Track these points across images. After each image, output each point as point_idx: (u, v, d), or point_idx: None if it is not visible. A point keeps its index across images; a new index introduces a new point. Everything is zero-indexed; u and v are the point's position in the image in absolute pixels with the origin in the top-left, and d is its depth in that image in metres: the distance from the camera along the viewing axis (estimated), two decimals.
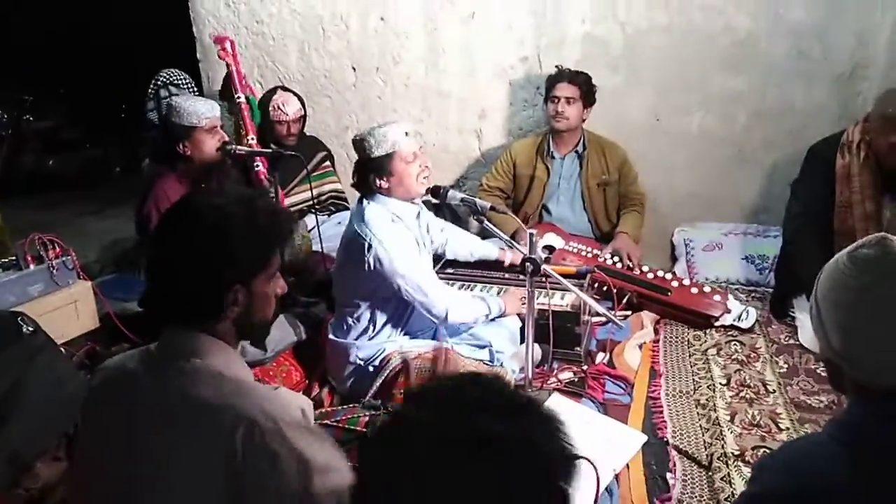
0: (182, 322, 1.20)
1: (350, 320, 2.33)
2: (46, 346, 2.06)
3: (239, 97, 3.15)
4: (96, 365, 2.44)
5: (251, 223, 1.20)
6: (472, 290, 2.68)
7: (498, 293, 2.61)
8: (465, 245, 2.76)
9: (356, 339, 2.32)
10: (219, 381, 1.15)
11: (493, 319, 2.44)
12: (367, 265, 2.17)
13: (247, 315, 1.22)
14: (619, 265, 3.00)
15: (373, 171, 2.21)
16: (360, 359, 2.31)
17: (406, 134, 2.22)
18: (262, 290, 1.23)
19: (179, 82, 3.84)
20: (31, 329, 2.04)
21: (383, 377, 2.24)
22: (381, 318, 2.32)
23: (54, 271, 2.53)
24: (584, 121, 3.18)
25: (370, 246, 2.15)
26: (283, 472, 1.07)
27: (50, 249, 2.54)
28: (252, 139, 3.13)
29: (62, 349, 2.25)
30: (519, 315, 2.49)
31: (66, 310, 2.57)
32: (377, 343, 2.32)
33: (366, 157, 2.21)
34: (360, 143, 2.22)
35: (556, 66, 3.20)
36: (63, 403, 1.95)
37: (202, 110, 2.53)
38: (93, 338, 2.67)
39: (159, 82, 3.82)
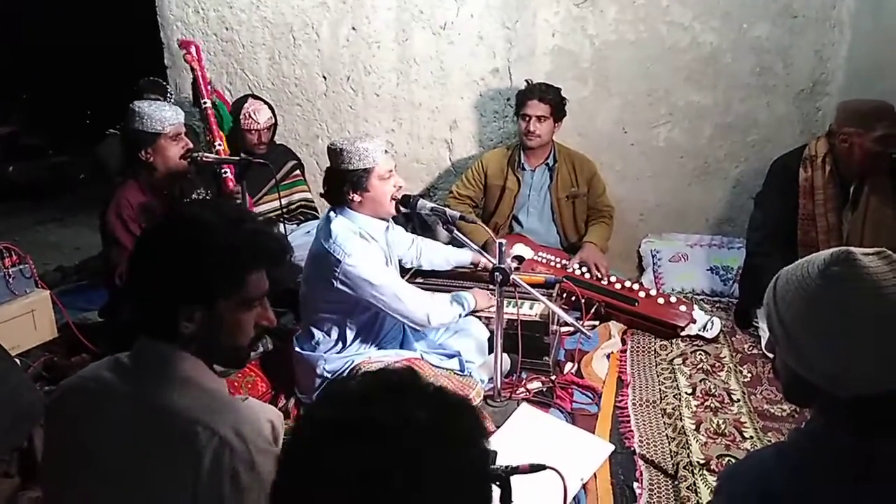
0: (146, 334, 1.17)
1: (318, 334, 2.30)
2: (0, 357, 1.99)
3: (205, 102, 3.09)
4: (54, 376, 2.40)
5: (224, 243, 1.14)
6: None
7: None
8: (439, 254, 2.74)
9: (325, 353, 2.29)
10: (196, 392, 1.13)
11: (468, 314, 2.42)
12: (335, 281, 2.14)
13: (207, 337, 1.16)
14: (587, 276, 3.02)
15: (347, 184, 2.16)
16: (327, 371, 2.27)
17: (385, 151, 2.20)
18: (229, 314, 1.17)
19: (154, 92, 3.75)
20: None
21: None
22: (350, 333, 2.28)
23: (10, 280, 2.45)
24: (554, 134, 3.21)
25: (338, 261, 2.12)
26: (242, 498, 1.05)
27: (6, 257, 2.47)
28: (220, 145, 3.07)
29: (17, 360, 2.18)
30: (487, 325, 2.49)
31: (23, 319, 2.50)
32: (345, 355, 2.29)
33: (342, 168, 2.16)
34: (336, 153, 2.15)
35: (527, 81, 3.21)
36: (16, 417, 1.88)
37: (166, 116, 2.45)
38: (51, 348, 2.60)
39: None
